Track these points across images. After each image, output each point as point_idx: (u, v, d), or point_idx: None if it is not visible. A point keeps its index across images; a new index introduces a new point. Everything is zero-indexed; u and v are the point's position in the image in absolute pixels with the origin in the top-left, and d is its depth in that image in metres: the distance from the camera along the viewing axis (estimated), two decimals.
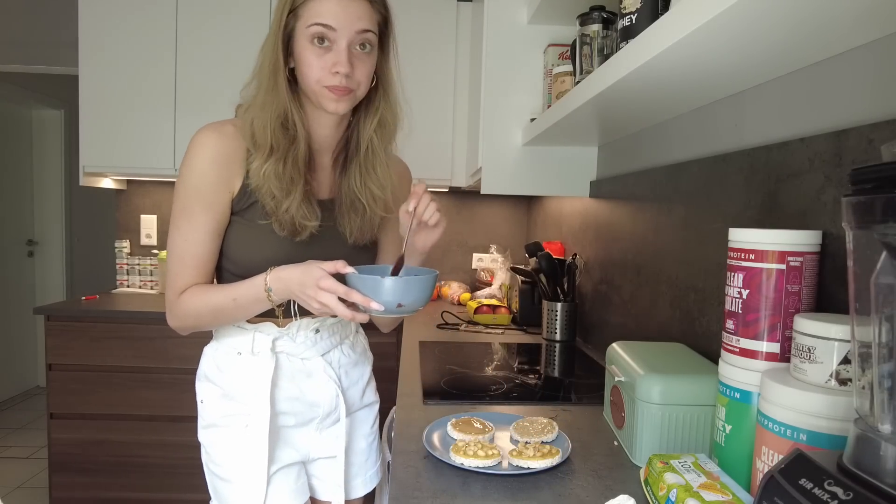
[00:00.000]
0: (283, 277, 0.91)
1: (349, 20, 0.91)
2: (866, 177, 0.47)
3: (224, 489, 1.07)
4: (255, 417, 1.04)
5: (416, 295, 0.86)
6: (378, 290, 0.84)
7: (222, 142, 0.97)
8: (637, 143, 1.49)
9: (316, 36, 0.92)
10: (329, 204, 1.07)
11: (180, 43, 2.46)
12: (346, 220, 1.06)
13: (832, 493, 0.45)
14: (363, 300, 0.85)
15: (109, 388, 2.25)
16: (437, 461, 0.91)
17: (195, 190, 0.96)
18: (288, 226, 0.98)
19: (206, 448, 1.10)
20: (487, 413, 1.10)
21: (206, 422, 1.08)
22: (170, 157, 2.49)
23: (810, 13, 0.64)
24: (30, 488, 2.77)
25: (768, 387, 0.66)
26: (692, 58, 0.81)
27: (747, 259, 0.74)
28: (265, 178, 0.95)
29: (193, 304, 0.98)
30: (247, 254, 1.01)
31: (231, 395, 1.06)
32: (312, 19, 0.91)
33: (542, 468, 0.87)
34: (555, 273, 1.90)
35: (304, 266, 0.90)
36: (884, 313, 0.46)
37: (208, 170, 0.96)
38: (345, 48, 0.92)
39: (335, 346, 1.13)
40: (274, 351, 1.05)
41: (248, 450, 1.04)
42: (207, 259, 0.99)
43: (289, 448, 1.10)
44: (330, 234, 1.04)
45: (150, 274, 2.75)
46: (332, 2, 0.91)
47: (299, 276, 0.89)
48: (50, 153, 4.23)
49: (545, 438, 0.97)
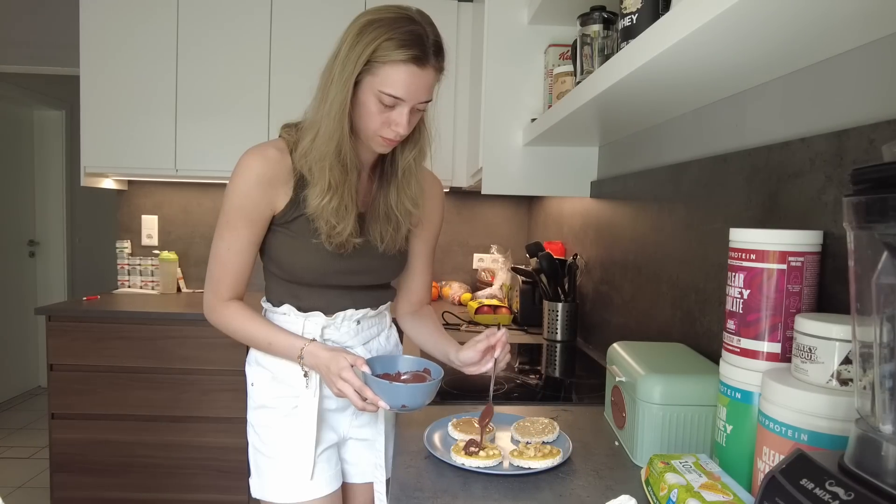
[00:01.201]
0: (316, 355, 1.01)
1: (417, 93, 0.97)
2: (867, 177, 0.47)
3: (268, 467, 1.12)
4: (303, 399, 1.10)
5: (419, 400, 0.95)
6: (386, 392, 0.94)
7: (266, 165, 1.03)
8: (638, 143, 1.49)
9: (385, 102, 0.96)
10: (363, 216, 1.11)
11: (181, 43, 2.46)
12: (378, 231, 1.11)
13: (833, 493, 0.45)
14: (373, 398, 0.95)
15: (110, 388, 2.25)
16: (438, 461, 0.91)
17: (240, 208, 1.04)
18: (336, 243, 1.05)
19: (254, 428, 1.16)
20: None
21: (257, 403, 1.15)
22: (171, 157, 2.49)
23: (811, 13, 0.64)
24: (31, 488, 2.78)
25: (769, 387, 0.66)
26: (693, 58, 0.81)
27: (748, 259, 0.74)
28: (322, 210, 1.02)
29: (233, 324, 1.08)
30: (291, 260, 1.09)
31: (281, 379, 1.12)
32: (385, 87, 0.95)
33: (543, 468, 0.87)
34: (555, 273, 1.89)
35: (334, 354, 1.00)
36: (885, 313, 0.46)
37: (252, 191, 1.03)
38: (406, 112, 0.98)
39: (374, 336, 1.20)
40: (322, 338, 1.12)
41: (297, 430, 1.11)
42: (247, 266, 1.08)
43: (329, 430, 1.16)
44: (363, 244, 1.10)
45: (151, 274, 2.75)
46: (407, 74, 0.95)
47: (327, 361, 0.99)
48: (51, 154, 4.23)
49: (546, 438, 0.97)
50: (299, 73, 2.48)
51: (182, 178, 2.63)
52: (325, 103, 0.98)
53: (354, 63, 0.94)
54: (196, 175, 2.54)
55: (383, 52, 0.93)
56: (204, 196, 2.83)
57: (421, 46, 0.94)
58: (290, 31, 2.47)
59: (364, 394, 0.95)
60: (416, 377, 1.05)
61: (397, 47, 0.93)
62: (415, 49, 0.94)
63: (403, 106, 0.98)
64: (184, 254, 2.83)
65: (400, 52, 0.93)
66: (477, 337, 1.05)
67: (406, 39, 0.93)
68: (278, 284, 1.13)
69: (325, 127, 0.98)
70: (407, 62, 0.94)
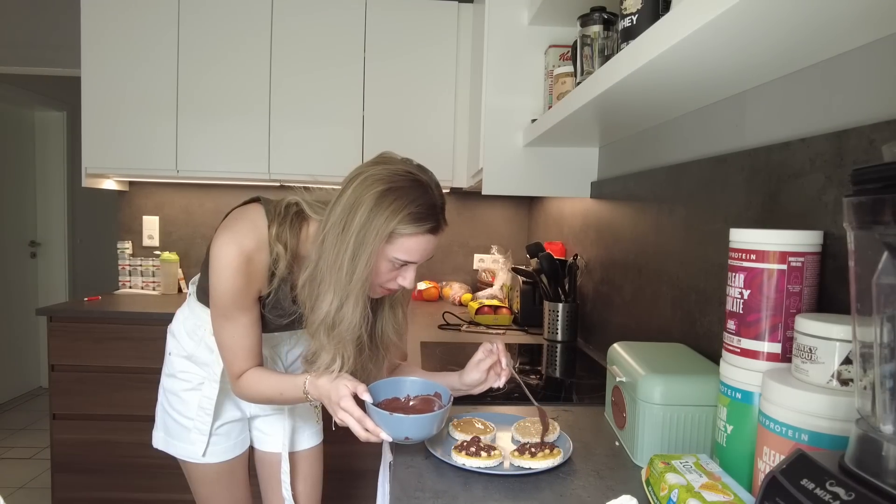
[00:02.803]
0: (318, 386, 1.01)
1: (427, 254, 1.01)
2: (867, 177, 0.47)
3: (174, 428, 1.26)
4: (208, 380, 1.23)
5: (425, 431, 0.91)
6: (388, 423, 0.90)
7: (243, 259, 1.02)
8: (638, 143, 1.49)
9: (396, 264, 0.99)
10: None
11: (182, 44, 2.46)
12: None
13: (834, 493, 0.45)
14: (374, 429, 0.91)
15: (112, 388, 2.26)
16: (439, 462, 0.91)
17: (229, 298, 1.04)
18: None
19: (164, 390, 1.29)
20: (489, 413, 1.10)
21: (168, 371, 1.29)
22: (172, 158, 2.49)
23: (811, 14, 0.64)
24: (32, 489, 2.78)
25: (770, 387, 0.66)
26: (693, 59, 0.82)
27: (748, 259, 0.74)
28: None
29: (250, 391, 1.10)
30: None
31: (193, 359, 1.24)
32: (400, 254, 0.98)
33: (544, 468, 0.87)
34: (556, 274, 1.89)
35: (334, 383, 0.98)
36: (885, 314, 0.46)
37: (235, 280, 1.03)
38: (414, 268, 1.03)
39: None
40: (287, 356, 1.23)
41: (198, 404, 1.23)
42: (254, 344, 1.10)
43: (234, 408, 1.28)
44: None
45: (152, 275, 2.75)
46: (425, 243, 0.98)
47: (327, 391, 0.99)
48: (52, 155, 4.23)
49: (547, 439, 0.97)
50: (300, 73, 2.49)
51: (183, 179, 2.63)
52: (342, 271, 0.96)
53: (375, 236, 0.95)
54: (197, 176, 2.54)
55: (403, 226, 0.95)
56: (205, 197, 2.84)
57: (436, 217, 0.99)
58: (290, 32, 2.47)
59: (364, 424, 0.92)
60: (423, 402, 1.02)
61: (416, 221, 0.96)
62: (432, 221, 0.98)
63: (413, 266, 1.02)
64: (185, 254, 2.83)
65: (419, 227, 0.96)
66: (475, 357, 1.08)
67: (424, 213, 0.96)
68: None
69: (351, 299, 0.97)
70: (426, 234, 0.97)
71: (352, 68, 2.50)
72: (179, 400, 1.25)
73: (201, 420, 1.23)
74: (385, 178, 0.96)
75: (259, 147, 2.48)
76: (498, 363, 1.07)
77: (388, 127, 2.53)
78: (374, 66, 2.51)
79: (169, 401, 1.27)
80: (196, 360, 1.24)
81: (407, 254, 0.98)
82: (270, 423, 1.35)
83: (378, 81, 2.52)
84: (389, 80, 2.53)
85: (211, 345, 1.20)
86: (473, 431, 0.99)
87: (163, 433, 1.28)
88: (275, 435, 1.35)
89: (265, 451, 1.37)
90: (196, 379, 1.24)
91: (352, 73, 2.50)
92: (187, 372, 1.25)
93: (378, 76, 2.52)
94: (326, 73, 2.48)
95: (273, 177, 2.50)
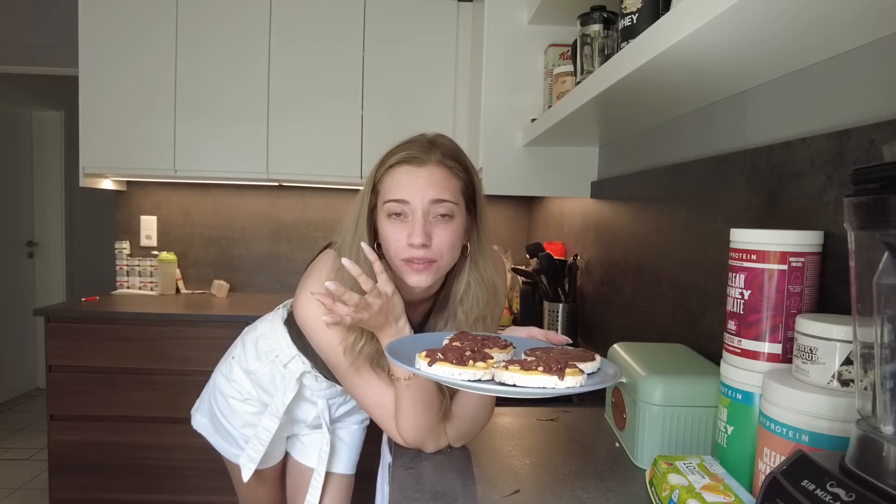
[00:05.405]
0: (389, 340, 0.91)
1: (419, 190, 0.89)
2: (868, 177, 0.46)
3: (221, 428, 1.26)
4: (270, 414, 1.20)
5: None
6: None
7: None
8: (638, 143, 1.49)
9: (392, 211, 0.91)
10: None
11: (180, 43, 2.46)
12: None
13: (834, 494, 0.45)
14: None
15: (109, 389, 2.25)
16: (440, 462, 0.91)
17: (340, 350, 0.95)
18: None
19: (216, 388, 1.26)
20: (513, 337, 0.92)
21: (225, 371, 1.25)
22: (170, 157, 2.49)
23: (812, 13, 0.64)
24: (30, 490, 2.77)
25: (770, 388, 0.66)
26: (693, 58, 0.81)
27: (749, 259, 0.74)
28: None
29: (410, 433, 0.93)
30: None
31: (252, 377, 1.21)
32: (387, 195, 0.91)
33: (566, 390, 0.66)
34: (556, 274, 1.89)
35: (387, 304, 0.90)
36: (886, 314, 0.46)
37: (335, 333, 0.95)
38: (420, 218, 0.89)
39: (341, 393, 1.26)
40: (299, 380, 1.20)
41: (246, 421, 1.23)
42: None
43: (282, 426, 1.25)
44: None
45: (150, 275, 2.75)
46: (403, 173, 0.90)
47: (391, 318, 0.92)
48: (50, 154, 4.23)
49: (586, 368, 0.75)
50: (299, 73, 2.49)
51: (181, 179, 2.62)
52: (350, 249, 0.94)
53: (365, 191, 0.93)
54: (195, 176, 2.54)
55: (382, 168, 0.92)
56: (203, 197, 2.83)
57: (415, 146, 0.91)
58: (289, 32, 2.47)
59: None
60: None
61: (395, 153, 0.92)
62: (409, 150, 0.91)
63: (414, 212, 0.89)
64: (183, 254, 2.82)
65: (394, 158, 0.91)
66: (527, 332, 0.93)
67: (403, 146, 0.92)
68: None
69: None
70: (401, 163, 0.91)
71: (351, 68, 2.50)
72: (227, 405, 1.24)
73: (254, 448, 1.21)
74: None
75: (257, 146, 2.48)
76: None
77: (387, 126, 2.53)
78: (373, 65, 2.51)
79: (217, 400, 1.26)
80: (255, 380, 1.21)
81: (391, 191, 0.90)
82: (311, 438, 1.33)
83: (377, 81, 2.52)
84: (388, 80, 2.53)
85: (275, 375, 1.19)
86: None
87: (208, 421, 1.27)
88: (312, 447, 1.33)
89: (300, 462, 1.35)
90: (246, 395, 1.23)
91: (350, 72, 2.50)
92: (241, 385, 1.23)
93: (377, 76, 2.52)
94: (325, 73, 2.48)
95: (271, 176, 2.50)
